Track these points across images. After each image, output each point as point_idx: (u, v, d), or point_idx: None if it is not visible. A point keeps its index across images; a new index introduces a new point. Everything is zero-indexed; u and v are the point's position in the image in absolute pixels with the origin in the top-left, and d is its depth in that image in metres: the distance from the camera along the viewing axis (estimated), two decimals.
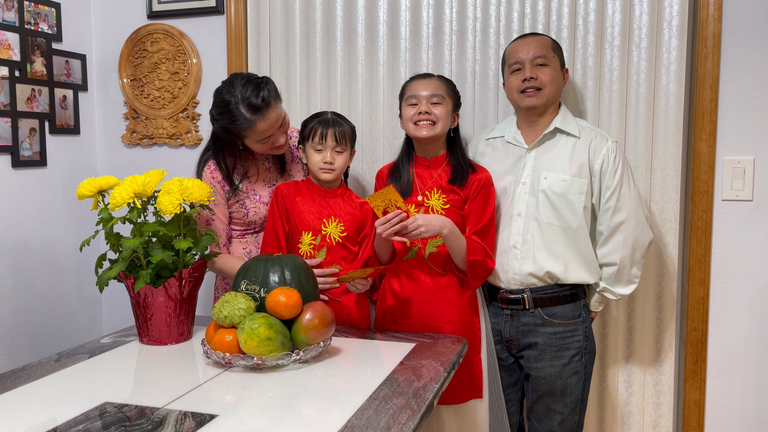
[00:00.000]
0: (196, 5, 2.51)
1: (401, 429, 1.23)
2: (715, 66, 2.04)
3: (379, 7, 2.29)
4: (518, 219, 1.92)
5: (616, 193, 1.87)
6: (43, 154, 2.42)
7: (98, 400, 1.36)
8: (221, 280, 2.14)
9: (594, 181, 1.90)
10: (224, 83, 1.93)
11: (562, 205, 1.88)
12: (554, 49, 1.93)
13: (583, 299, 1.97)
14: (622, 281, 1.93)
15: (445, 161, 1.97)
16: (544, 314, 1.92)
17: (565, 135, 1.93)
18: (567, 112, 1.98)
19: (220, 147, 2.01)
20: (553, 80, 1.90)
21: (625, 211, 1.88)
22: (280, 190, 2.00)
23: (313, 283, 1.69)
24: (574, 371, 1.92)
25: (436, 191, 1.94)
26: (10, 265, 2.32)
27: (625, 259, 1.89)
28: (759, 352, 2.10)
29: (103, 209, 1.74)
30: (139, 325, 1.77)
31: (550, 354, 1.92)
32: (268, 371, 1.52)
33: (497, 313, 2.00)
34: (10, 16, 2.28)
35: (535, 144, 1.94)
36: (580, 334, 1.93)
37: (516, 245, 1.92)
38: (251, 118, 1.88)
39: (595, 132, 1.93)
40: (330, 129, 1.92)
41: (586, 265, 1.91)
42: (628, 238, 1.88)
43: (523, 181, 1.93)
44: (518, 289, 1.93)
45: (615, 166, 1.88)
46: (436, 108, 1.90)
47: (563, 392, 1.93)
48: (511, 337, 1.97)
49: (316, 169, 1.95)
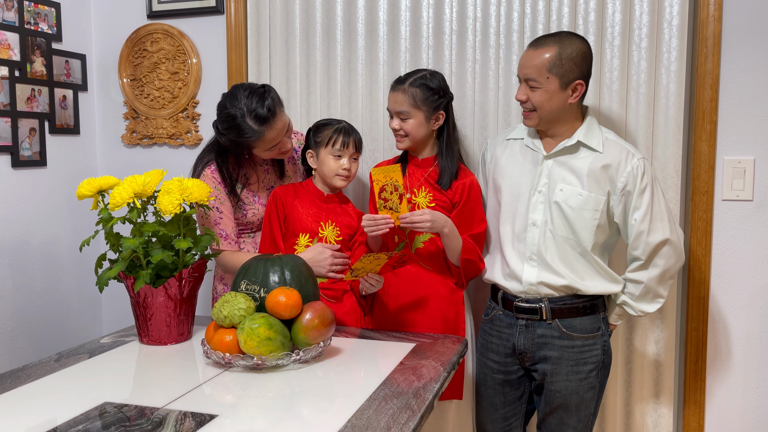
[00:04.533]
0: (196, 5, 2.51)
1: (401, 429, 1.23)
2: (715, 66, 2.04)
3: (379, 7, 2.28)
4: (533, 229, 1.84)
5: (648, 215, 1.77)
6: (43, 154, 2.42)
7: (98, 400, 1.36)
8: (220, 280, 2.14)
9: (614, 199, 1.79)
10: (227, 97, 1.92)
11: (576, 220, 1.80)
12: (553, 67, 1.74)
13: (603, 311, 1.89)
14: (647, 299, 1.84)
15: (435, 162, 1.99)
16: (561, 326, 1.84)
17: (587, 149, 1.82)
18: (593, 122, 1.86)
19: (225, 158, 2.00)
20: (544, 103, 1.78)
21: (659, 233, 1.77)
22: (277, 194, 2.01)
23: (313, 283, 1.69)
24: (590, 386, 1.85)
25: (423, 189, 1.97)
26: (10, 265, 2.32)
27: (653, 279, 1.81)
28: (759, 352, 2.10)
29: (103, 209, 1.74)
30: (139, 325, 1.77)
31: (567, 368, 1.84)
32: (268, 371, 1.52)
33: (511, 324, 1.91)
34: (10, 16, 2.28)
35: (555, 153, 1.84)
36: (599, 348, 1.86)
37: (533, 257, 1.85)
38: (259, 130, 1.88)
39: (620, 147, 1.81)
40: (351, 137, 1.99)
41: (604, 276, 1.84)
42: (661, 258, 1.78)
43: (539, 189, 1.84)
44: (535, 299, 1.86)
45: (642, 186, 1.77)
46: (404, 123, 1.92)
47: (578, 407, 1.86)
48: (525, 349, 1.88)
49: (332, 175, 1.97)
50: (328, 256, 1.91)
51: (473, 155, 2.23)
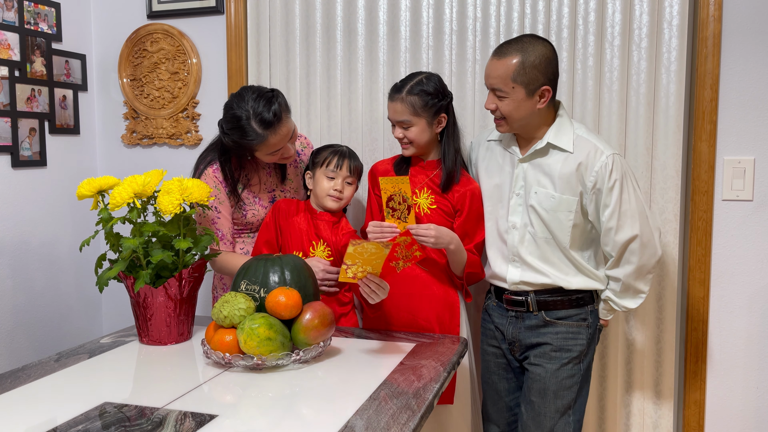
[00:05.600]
0: (196, 5, 2.51)
1: (401, 429, 1.23)
2: (715, 66, 2.04)
3: (379, 7, 2.28)
4: (513, 231, 1.87)
5: (616, 212, 1.76)
6: (43, 154, 2.42)
7: (98, 400, 1.36)
8: (219, 279, 2.14)
9: (587, 198, 1.79)
10: (234, 97, 1.92)
11: (551, 222, 1.81)
12: (517, 77, 1.72)
13: (591, 305, 1.89)
14: (628, 295, 1.85)
15: (439, 165, 1.99)
16: (547, 317, 1.86)
17: (558, 150, 1.81)
18: (564, 121, 1.83)
19: (228, 158, 2.00)
20: (512, 112, 1.77)
21: (627, 230, 1.76)
22: (280, 206, 2.02)
23: (313, 283, 1.69)
24: (569, 374, 1.85)
25: (426, 191, 1.96)
26: (10, 265, 2.32)
27: (630, 276, 1.80)
28: (759, 352, 2.10)
29: (103, 209, 1.74)
30: (138, 325, 1.77)
31: (550, 354, 1.86)
32: (268, 371, 1.52)
33: (503, 314, 1.94)
34: (10, 16, 2.28)
35: (528, 156, 1.85)
36: (583, 338, 1.86)
37: (515, 258, 1.87)
38: (263, 134, 1.87)
39: (590, 144, 1.78)
40: (346, 160, 1.99)
41: (587, 274, 1.85)
42: (633, 254, 1.78)
43: (516, 192, 1.87)
44: (522, 291, 1.88)
45: (610, 183, 1.74)
46: (408, 131, 1.91)
47: (556, 394, 1.85)
48: (514, 338, 1.92)
49: (323, 195, 1.98)
50: (320, 270, 1.91)
51: None
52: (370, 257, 1.62)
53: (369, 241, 1.64)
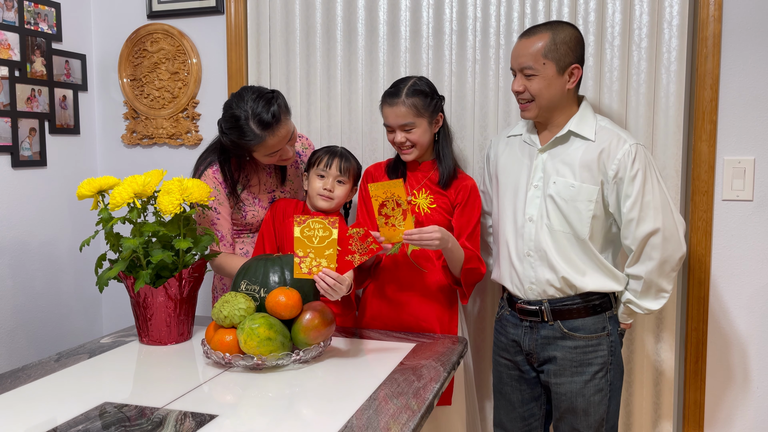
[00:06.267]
0: (196, 5, 2.51)
1: (401, 429, 1.23)
2: (715, 66, 2.04)
3: (379, 7, 2.28)
4: (530, 225, 1.82)
5: (638, 203, 1.71)
6: (43, 154, 2.42)
7: (98, 400, 1.36)
8: (219, 280, 2.14)
9: (608, 189, 1.75)
10: (234, 97, 1.92)
11: (570, 213, 1.76)
12: (548, 53, 1.72)
13: (609, 311, 1.83)
14: (650, 295, 1.78)
15: (434, 165, 1.99)
16: (563, 327, 1.80)
17: (579, 138, 1.78)
18: (587, 110, 1.82)
19: (227, 158, 2.00)
20: (543, 90, 1.74)
21: (650, 222, 1.71)
22: (279, 206, 2.02)
23: (313, 283, 1.69)
24: (597, 389, 1.79)
25: (424, 191, 1.96)
26: (10, 265, 2.32)
27: (652, 272, 1.74)
28: (759, 352, 2.10)
29: (103, 209, 1.74)
30: (139, 325, 1.77)
31: (571, 370, 1.80)
32: (268, 371, 1.52)
33: (517, 324, 1.89)
34: (10, 16, 2.28)
35: (548, 146, 1.82)
36: (605, 348, 1.79)
37: (530, 253, 1.82)
38: (261, 135, 1.86)
39: (613, 134, 1.76)
40: (336, 158, 1.98)
41: (605, 272, 1.79)
42: (655, 249, 1.72)
43: (535, 184, 1.82)
44: (536, 300, 1.82)
45: (633, 172, 1.71)
46: (410, 134, 1.91)
47: (586, 411, 1.79)
48: (531, 350, 1.86)
49: (314, 194, 1.98)
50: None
51: (473, 155, 2.23)
52: (321, 246, 1.55)
53: (312, 217, 1.56)
